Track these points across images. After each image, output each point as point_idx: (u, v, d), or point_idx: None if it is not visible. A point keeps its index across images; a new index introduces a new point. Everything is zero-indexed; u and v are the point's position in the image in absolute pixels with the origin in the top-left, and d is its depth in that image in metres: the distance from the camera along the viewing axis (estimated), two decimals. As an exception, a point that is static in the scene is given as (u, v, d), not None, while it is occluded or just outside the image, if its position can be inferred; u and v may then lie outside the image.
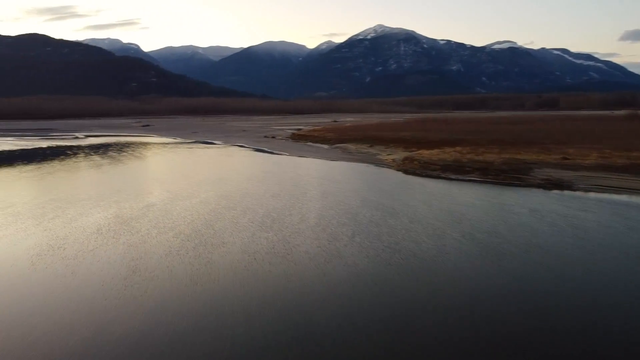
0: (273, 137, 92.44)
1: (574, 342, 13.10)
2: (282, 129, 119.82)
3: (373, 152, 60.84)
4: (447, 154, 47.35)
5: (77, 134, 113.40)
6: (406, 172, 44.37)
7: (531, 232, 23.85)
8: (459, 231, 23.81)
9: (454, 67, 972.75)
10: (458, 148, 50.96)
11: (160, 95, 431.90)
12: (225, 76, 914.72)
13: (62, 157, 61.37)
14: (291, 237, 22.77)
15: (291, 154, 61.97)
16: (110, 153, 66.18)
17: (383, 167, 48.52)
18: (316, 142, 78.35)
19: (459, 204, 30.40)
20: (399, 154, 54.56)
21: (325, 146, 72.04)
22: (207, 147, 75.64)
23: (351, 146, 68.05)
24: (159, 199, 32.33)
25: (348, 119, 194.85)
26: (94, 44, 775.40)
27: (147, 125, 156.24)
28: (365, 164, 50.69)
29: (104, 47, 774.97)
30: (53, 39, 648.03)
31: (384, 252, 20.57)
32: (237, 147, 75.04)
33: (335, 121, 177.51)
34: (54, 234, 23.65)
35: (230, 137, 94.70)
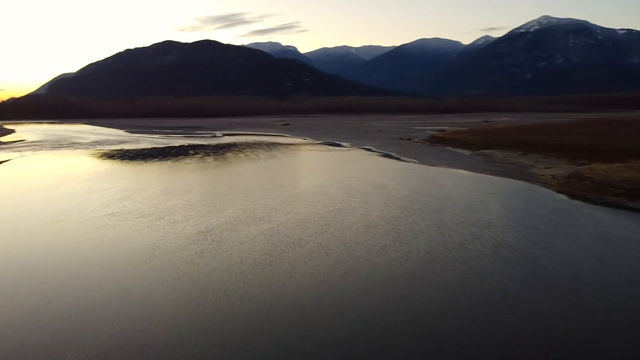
0: (408, 140, 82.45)
1: None
2: (423, 130, 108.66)
3: (526, 162, 47.91)
4: (636, 171, 33.40)
5: (217, 132, 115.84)
6: (572, 195, 31.87)
7: None
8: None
9: (635, 60, 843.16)
10: (652, 162, 36.24)
11: (311, 94, 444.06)
12: (376, 75, 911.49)
13: (180, 157, 59.42)
14: (354, 324, 13.78)
15: (420, 162, 51.94)
16: (229, 154, 62.89)
17: (537, 185, 36.24)
18: (456, 146, 66.64)
19: (665, 264, 18.31)
20: (562, 168, 41.32)
21: (466, 152, 60.27)
22: (331, 150, 68.77)
23: (498, 153, 55.48)
24: (225, 220, 25.52)
25: (501, 119, 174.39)
26: (256, 48, 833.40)
27: (287, 124, 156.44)
28: (513, 180, 38.70)
29: (265, 50, 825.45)
30: (221, 44, 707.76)
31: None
32: (362, 150, 66.92)
33: (486, 121, 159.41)
34: (53, 274, 17.97)
35: (362, 139, 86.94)
